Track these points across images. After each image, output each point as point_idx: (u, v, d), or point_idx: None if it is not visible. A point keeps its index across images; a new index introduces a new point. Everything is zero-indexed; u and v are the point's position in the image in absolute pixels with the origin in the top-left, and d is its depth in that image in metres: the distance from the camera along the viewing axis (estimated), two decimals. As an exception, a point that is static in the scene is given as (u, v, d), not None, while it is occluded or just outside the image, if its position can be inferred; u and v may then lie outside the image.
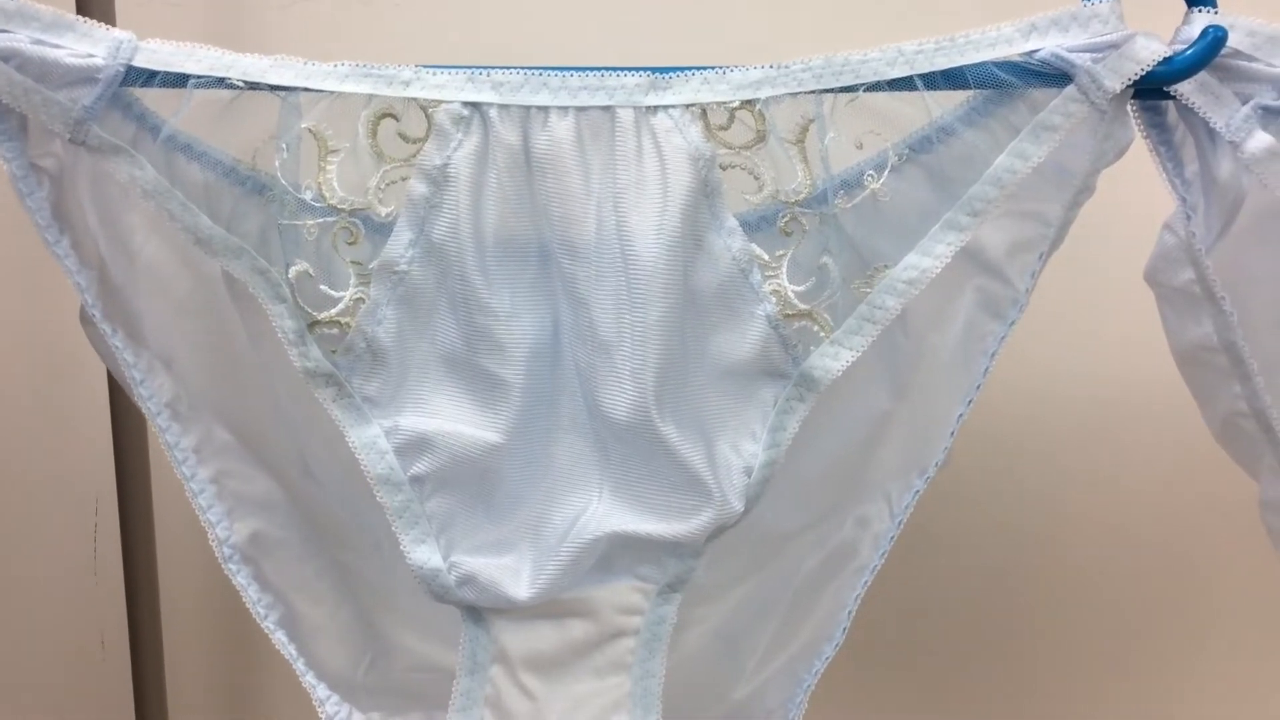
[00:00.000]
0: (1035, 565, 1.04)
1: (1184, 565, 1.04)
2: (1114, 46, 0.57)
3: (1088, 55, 0.57)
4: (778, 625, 0.72)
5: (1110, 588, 1.04)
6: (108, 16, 0.86)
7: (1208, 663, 1.05)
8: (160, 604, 0.98)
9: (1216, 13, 0.60)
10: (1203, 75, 0.60)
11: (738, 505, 0.61)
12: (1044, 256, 0.64)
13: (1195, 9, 0.60)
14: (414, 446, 0.61)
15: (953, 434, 0.67)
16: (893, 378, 0.69)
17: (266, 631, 0.67)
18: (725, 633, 0.72)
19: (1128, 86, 0.58)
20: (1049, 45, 0.57)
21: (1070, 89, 0.58)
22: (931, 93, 0.58)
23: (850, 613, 0.68)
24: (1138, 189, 0.69)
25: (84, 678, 1.05)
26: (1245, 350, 0.65)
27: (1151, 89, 0.60)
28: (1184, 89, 0.61)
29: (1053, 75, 0.58)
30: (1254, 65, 0.61)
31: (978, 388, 0.66)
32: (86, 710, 1.06)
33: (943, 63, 0.58)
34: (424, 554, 0.62)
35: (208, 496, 0.67)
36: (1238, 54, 0.60)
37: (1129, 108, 0.62)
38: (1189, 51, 0.58)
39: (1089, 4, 0.57)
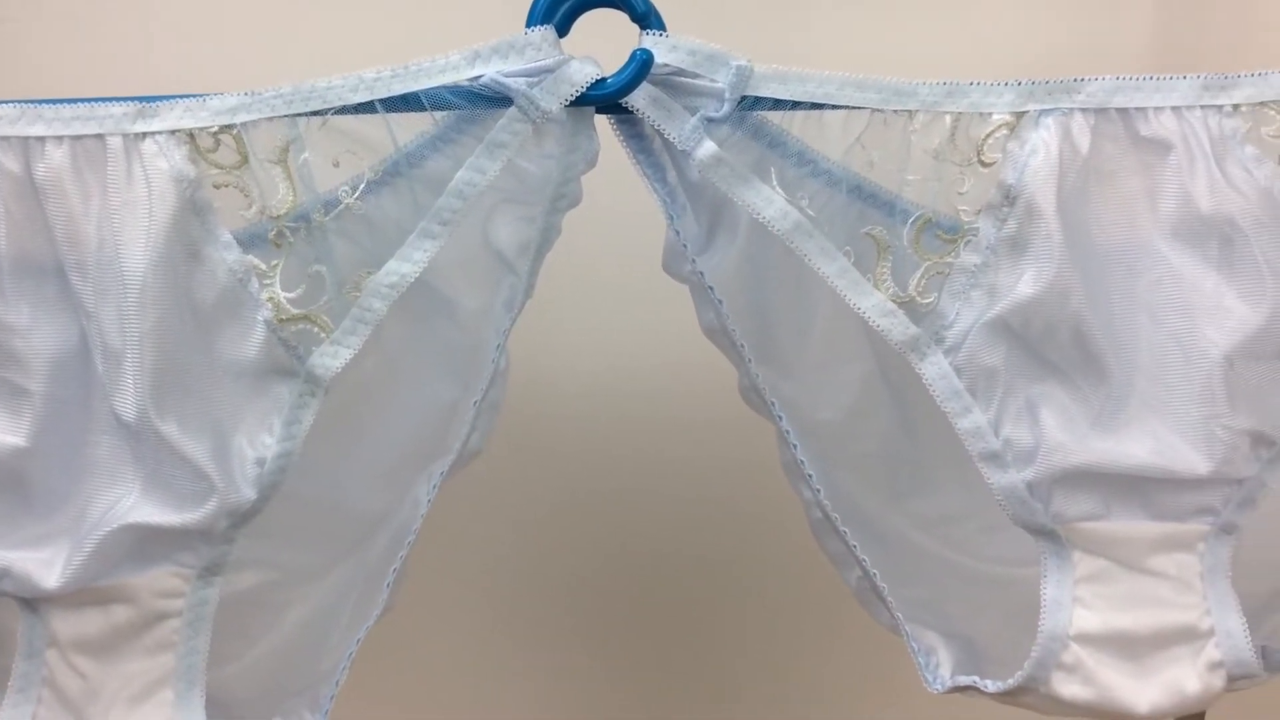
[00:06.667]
0: (580, 539, 1.12)
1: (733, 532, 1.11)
2: (549, 71, 0.64)
3: (524, 80, 0.63)
4: (357, 599, 0.78)
5: (671, 561, 1.13)
6: None
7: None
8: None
9: (665, 35, 0.65)
10: (654, 91, 0.66)
11: (249, 493, 0.67)
12: (535, 256, 0.71)
13: (647, 32, 0.66)
14: None
15: (471, 420, 0.74)
16: (454, 370, 0.76)
17: None
18: (321, 609, 0.78)
19: (567, 105, 0.64)
20: (490, 71, 0.64)
21: (512, 110, 0.64)
22: (394, 115, 0.64)
23: (389, 584, 0.75)
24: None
25: None
26: (736, 334, 0.73)
27: (613, 105, 0.67)
28: (639, 104, 0.66)
29: (497, 98, 0.64)
30: (698, 81, 0.66)
31: (490, 376, 0.73)
32: None
33: (399, 88, 0.64)
34: None
35: None
36: (682, 72, 0.66)
37: (607, 121, 0.69)
38: (618, 74, 0.65)
39: (526, 33, 0.64)
